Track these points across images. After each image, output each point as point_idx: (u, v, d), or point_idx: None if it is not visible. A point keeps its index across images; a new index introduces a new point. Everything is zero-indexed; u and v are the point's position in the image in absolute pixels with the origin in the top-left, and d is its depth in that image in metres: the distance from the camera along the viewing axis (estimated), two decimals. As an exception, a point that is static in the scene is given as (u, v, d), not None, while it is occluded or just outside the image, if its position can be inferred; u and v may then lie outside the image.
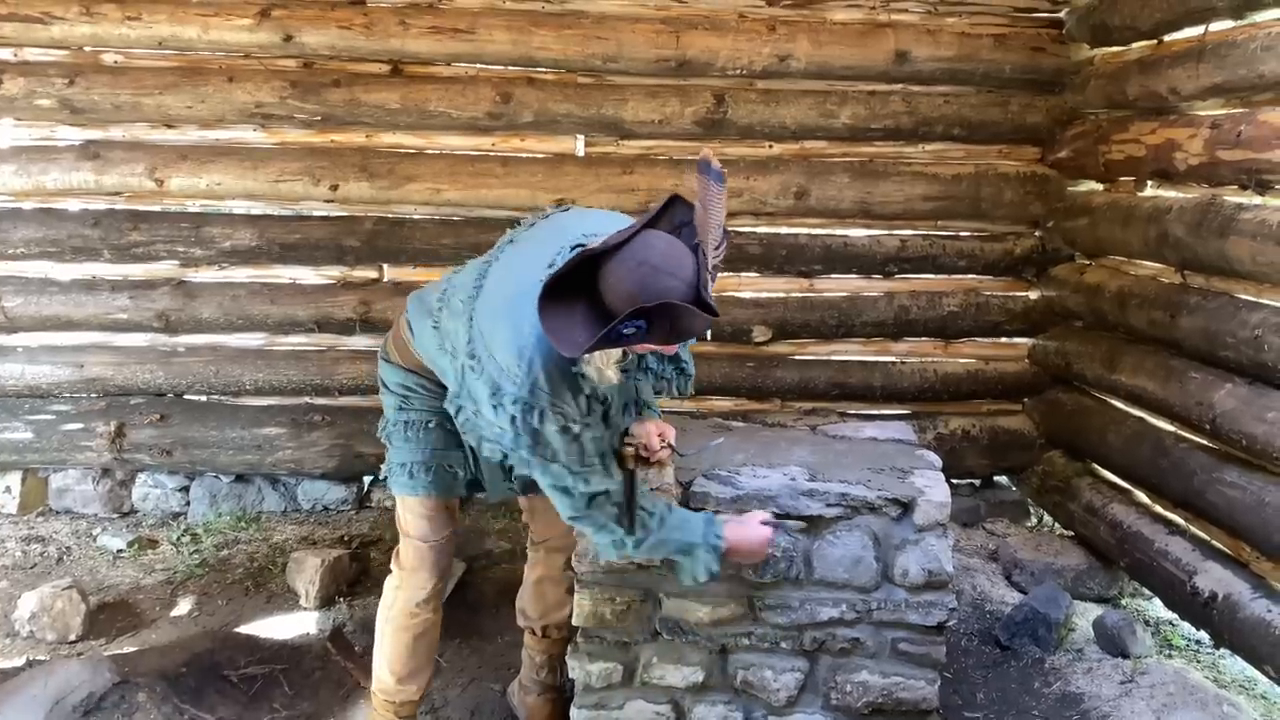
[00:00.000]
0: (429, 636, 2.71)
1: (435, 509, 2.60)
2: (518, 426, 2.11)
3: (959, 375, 4.55)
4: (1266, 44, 2.93)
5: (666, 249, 1.91)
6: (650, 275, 1.87)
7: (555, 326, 1.91)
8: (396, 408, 2.57)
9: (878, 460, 2.82)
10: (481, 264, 2.34)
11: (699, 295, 1.88)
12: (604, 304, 1.91)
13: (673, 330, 1.91)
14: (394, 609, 2.67)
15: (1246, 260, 3.01)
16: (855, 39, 4.19)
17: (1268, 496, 2.95)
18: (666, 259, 1.89)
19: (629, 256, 1.89)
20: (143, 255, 4.28)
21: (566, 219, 2.37)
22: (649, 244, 1.91)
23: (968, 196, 4.36)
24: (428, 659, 2.74)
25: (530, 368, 2.08)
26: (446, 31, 4.09)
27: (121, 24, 4.03)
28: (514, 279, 2.15)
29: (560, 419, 2.12)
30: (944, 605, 2.61)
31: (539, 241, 2.25)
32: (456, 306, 2.28)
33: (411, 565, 2.65)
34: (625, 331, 1.87)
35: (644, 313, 1.84)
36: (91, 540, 4.15)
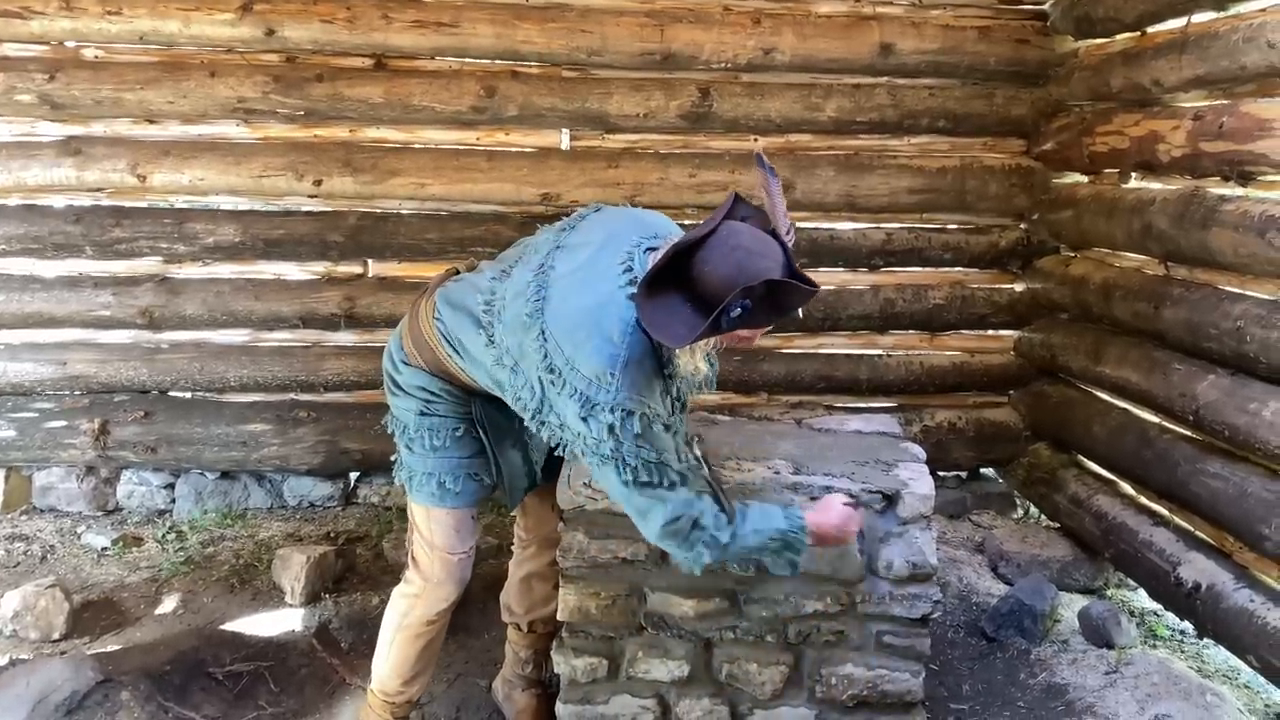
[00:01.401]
0: (438, 641, 2.70)
1: (463, 520, 2.57)
2: (618, 434, 2.10)
3: (945, 368, 4.56)
4: (1248, 35, 2.93)
5: (752, 234, 2.00)
6: (746, 258, 1.94)
7: (658, 321, 1.98)
8: (418, 413, 2.49)
9: (862, 453, 2.83)
10: (533, 273, 2.26)
11: (796, 270, 1.99)
12: (701, 293, 1.96)
13: (774, 308, 1.98)
14: (409, 618, 2.62)
15: (1229, 252, 3.02)
16: (840, 32, 4.19)
17: (1250, 487, 2.97)
18: (755, 242, 1.98)
19: (720, 244, 1.96)
20: (126, 252, 4.25)
21: (612, 222, 2.34)
22: (735, 231, 1.99)
23: (953, 189, 4.36)
24: (432, 661, 2.73)
25: (625, 374, 2.09)
26: (430, 25, 4.07)
27: (102, 18, 3.99)
28: (588, 289, 2.14)
29: (658, 418, 2.15)
30: (928, 597, 2.61)
31: (598, 246, 2.22)
32: (518, 321, 2.22)
33: (438, 578, 2.59)
34: (732, 314, 1.92)
35: (748, 293, 1.90)
36: (76, 538, 4.13)
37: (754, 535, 2.25)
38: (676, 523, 2.18)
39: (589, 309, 2.13)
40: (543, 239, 2.38)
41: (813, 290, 2.00)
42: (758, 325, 2.04)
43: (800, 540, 2.29)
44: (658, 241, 2.16)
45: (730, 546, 2.24)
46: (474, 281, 2.44)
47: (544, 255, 2.29)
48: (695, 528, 2.20)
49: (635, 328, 2.10)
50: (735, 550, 2.27)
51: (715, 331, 1.97)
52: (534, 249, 2.35)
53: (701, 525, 2.20)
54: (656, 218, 2.37)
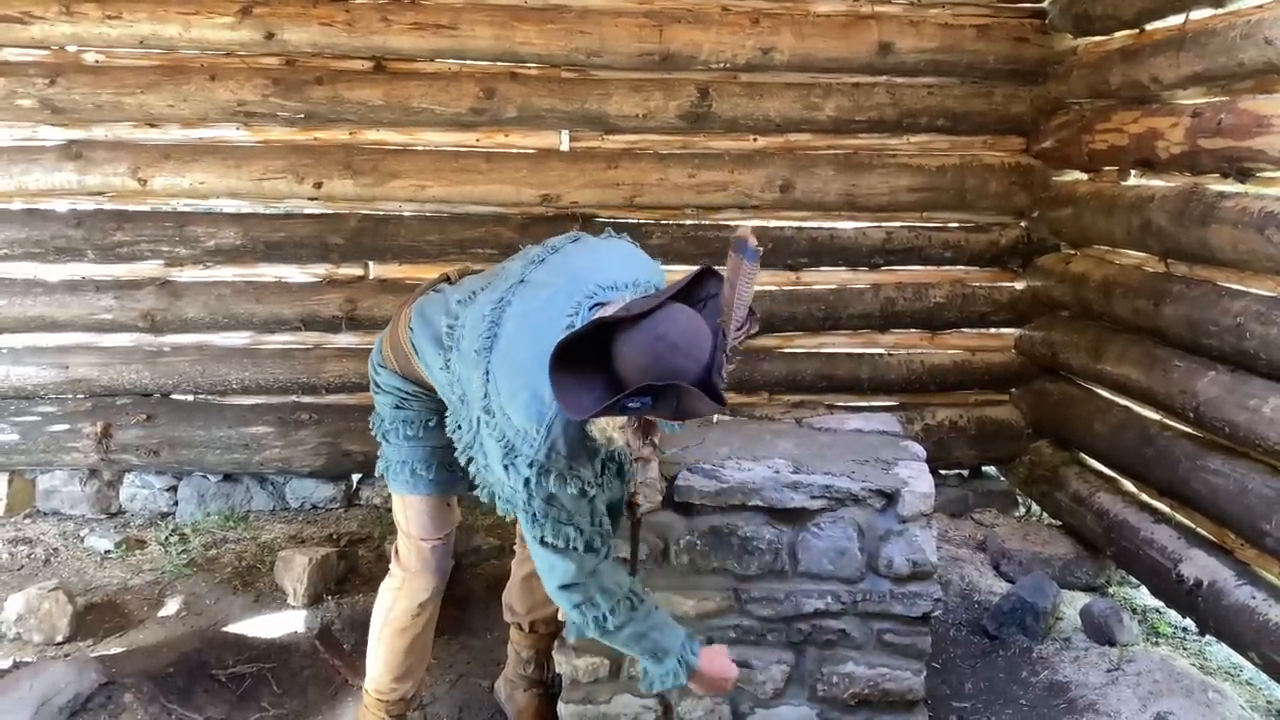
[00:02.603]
0: (426, 636, 2.70)
1: (436, 507, 2.59)
2: (531, 489, 2.09)
3: (946, 366, 4.56)
4: (1246, 32, 2.93)
5: (686, 326, 1.88)
6: (665, 352, 1.84)
7: (565, 388, 1.89)
8: (394, 406, 2.54)
9: (862, 452, 2.83)
10: (491, 306, 2.22)
11: (709, 380, 1.86)
12: (616, 372, 1.89)
13: (679, 409, 1.88)
14: (394, 611, 2.63)
15: (1228, 248, 3.02)
16: (838, 31, 4.19)
17: (1251, 484, 2.96)
18: (684, 337, 1.86)
19: (649, 329, 1.86)
20: (127, 255, 4.26)
21: (580, 260, 2.27)
22: (671, 318, 1.88)
23: (953, 188, 4.36)
24: (423, 656, 2.74)
25: (549, 432, 2.05)
26: (429, 28, 4.08)
27: (102, 23, 4.00)
28: (532, 338, 2.05)
29: (577, 482, 2.10)
30: (929, 596, 2.62)
31: (555, 290, 2.15)
32: (469, 354, 2.21)
33: (414, 567, 2.62)
34: (630, 405, 1.85)
35: (652, 389, 1.83)
36: (79, 541, 4.14)
37: (639, 640, 2.29)
38: (571, 589, 2.20)
39: (528, 361, 2.04)
40: (514, 267, 2.32)
41: (720, 406, 1.88)
42: (664, 417, 1.96)
43: (679, 676, 2.32)
44: (611, 295, 2.07)
45: (614, 636, 2.27)
46: (446, 300, 2.42)
47: (506, 289, 2.24)
48: (588, 602, 2.21)
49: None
50: (617, 640, 2.29)
51: (614, 414, 1.92)
52: (503, 276, 2.31)
53: (594, 602, 2.21)
54: (627, 260, 2.29)
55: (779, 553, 2.60)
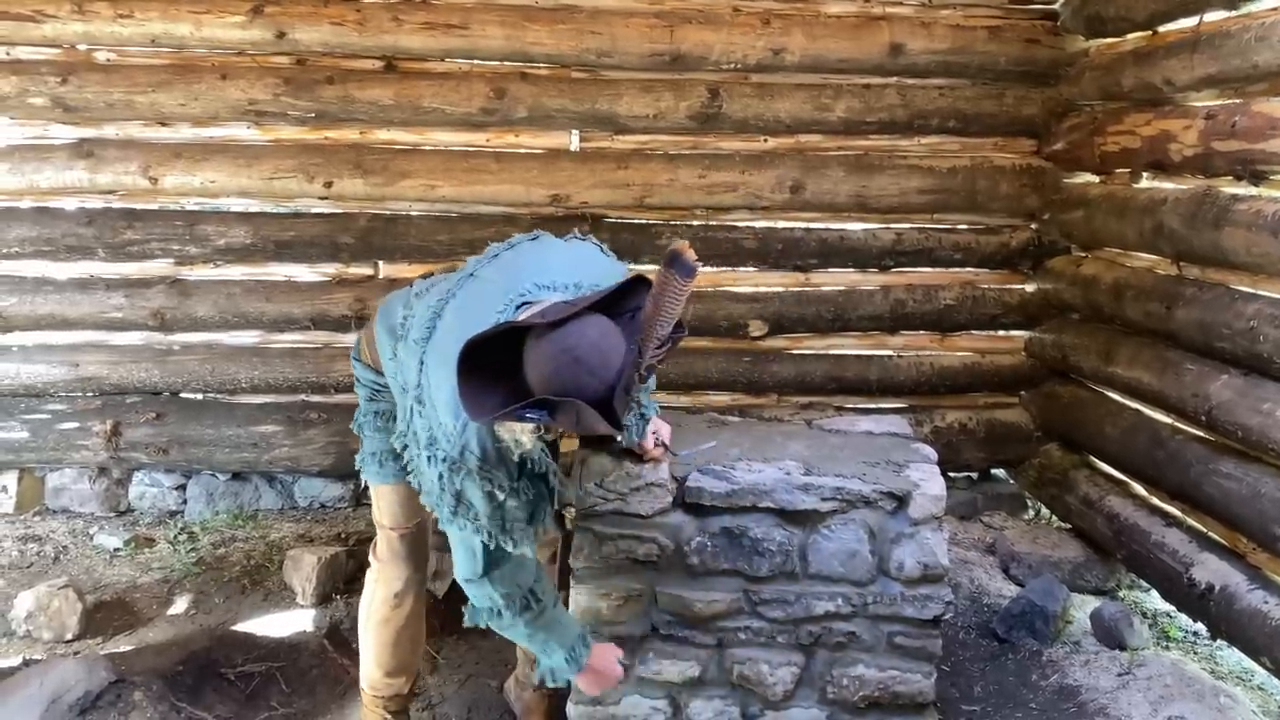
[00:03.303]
0: (412, 628, 2.71)
1: (405, 496, 2.56)
2: (443, 484, 2.10)
3: (955, 368, 4.55)
4: (1260, 34, 2.92)
5: (597, 341, 1.82)
6: (569, 366, 1.80)
7: (469, 389, 1.86)
8: (368, 399, 2.58)
9: (873, 454, 2.81)
10: (438, 299, 2.24)
11: (609, 400, 1.80)
12: (522, 378, 1.86)
13: (578, 424, 1.83)
14: (374, 602, 2.68)
15: (1241, 251, 3.01)
16: (849, 32, 4.18)
17: (1263, 488, 2.95)
18: (592, 352, 1.81)
19: (558, 340, 1.82)
20: (137, 254, 4.27)
21: (528, 258, 2.26)
22: (582, 331, 1.83)
23: (963, 189, 4.35)
24: (414, 652, 2.75)
25: (464, 430, 2.04)
26: (440, 27, 4.08)
27: (114, 22, 4.01)
28: (462, 331, 1.97)
29: (487, 484, 2.09)
30: (940, 598, 2.61)
31: (494, 285, 2.14)
32: (412, 344, 2.22)
33: (386, 556, 2.67)
34: (528, 415, 1.83)
35: (549, 403, 1.80)
36: (88, 539, 4.15)
37: (530, 637, 2.35)
38: (471, 583, 2.25)
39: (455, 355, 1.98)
40: (471, 262, 2.33)
41: (615, 430, 1.84)
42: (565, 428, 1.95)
43: (565, 675, 2.42)
44: (545, 294, 2.05)
45: (509, 630, 2.33)
46: (408, 294, 2.43)
47: (456, 282, 2.25)
48: (486, 596, 2.26)
49: None
50: (513, 635, 2.37)
51: (513, 420, 1.89)
52: (460, 271, 2.32)
53: (492, 598, 2.26)
54: (580, 261, 2.26)
55: (790, 554, 2.59)
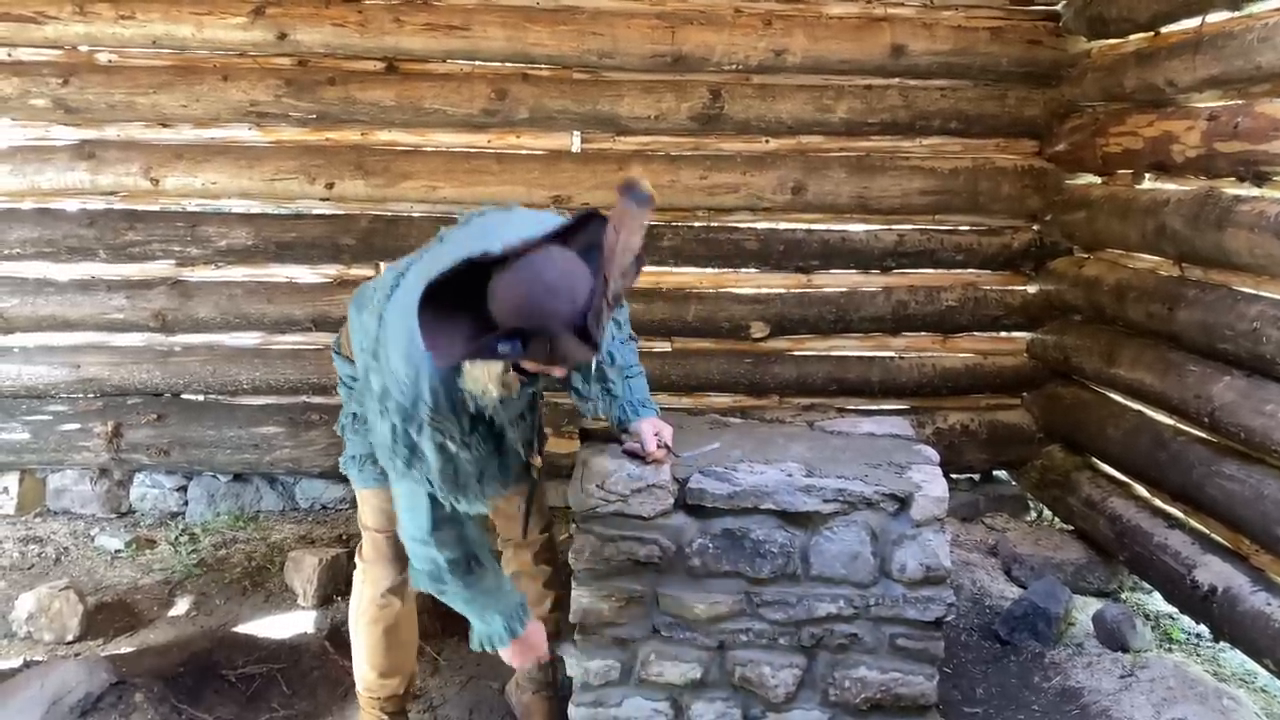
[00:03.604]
0: (402, 628, 2.70)
1: (388, 499, 2.53)
2: (396, 435, 2.10)
3: (957, 370, 4.54)
4: (1263, 35, 2.91)
5: (564, 269, 1.84)
6: (539, 294, 1.81)
7: (433, 332, 1.86)
8: (348, 398, 2.57)
9: (875, 456, 2.81)
10: (407, 262, 2.32)
11: (584, 325, 1.82)
12: (488, 315, 1.86)
13: (552, 354, 1.85)
14: (362, 602, 2.69)
15: (1244, 252, 3.00)
16: (851, 33, 4.18)
17: (1266, 489, 2.94)
18: (560, 279, 1.83)
19: (523, 269, 1.83)
20: (139, 255, 4.27)
21: (494, 222, 2.28)
22: (548, 261, 1.85)
23: (965, 190, 4.34)
24: (406, 652, 2.74)
25: (417, 378, 2.03)
26: (441, 28, 4.08)
27: (115, 23, 4.02)
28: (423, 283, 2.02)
29: (439, 435, 2.08)
30: (942, 600, 2.60)
31: (461, 246, 2.12)
32: (373, 306, 2.26)
33: (371, 557, 2.67)
34: (500, 348, 1.82)
35: (522, 332, 1.80)
36: (89, 540, 4.15)
37: (469, 603, 2.36)
38: (417, 541, 2.26)
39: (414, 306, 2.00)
40: (442, 230, 2.40)
41: (593, 352, 1.87)
42: (537, 364, 1.95)
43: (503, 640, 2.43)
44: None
45: (445, 593, 2.33)
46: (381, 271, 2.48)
47: (425, 247, 2.33)
48: (428, 558, 2.26)
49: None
50: (452, 599, 2.36)
51: (484, 357, 1.88)
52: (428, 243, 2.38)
53: (434, 560, 2.25)
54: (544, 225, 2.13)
55: (791, 556, 2.58)
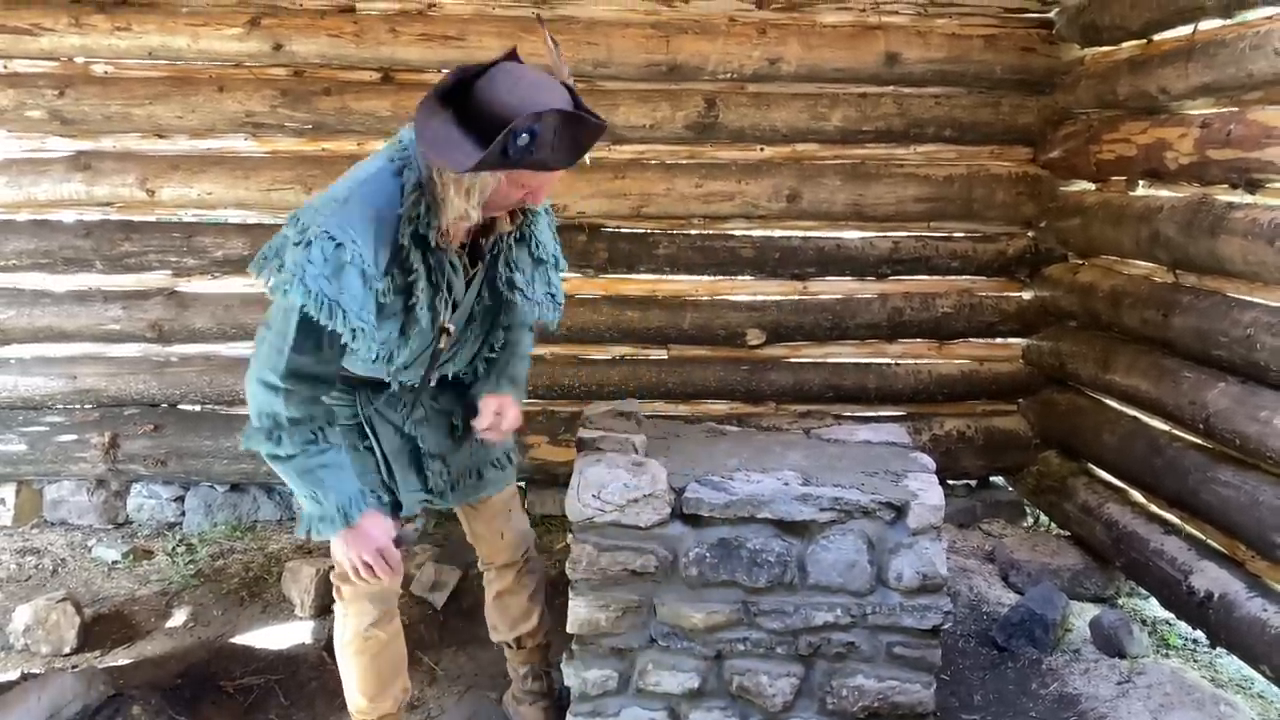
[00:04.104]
0: (390, 651, 2.65)
1: None
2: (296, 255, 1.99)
3: (953, 376, 4.55)
4: (1255, 43, 2.92)
5: (536, 73, 2.00)
6: (532, 89, 1.93)
7: (439, 143, 1.91)
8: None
9: (871, 463, 2.82)
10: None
11: (583, 105, 1.97)
12: (482, 123, 1.90)
13: (562, 144, 1.93)
14: (347, 634, 2.60)
15: (1238, 259, 3.01)
16: (845, 42, 4.19)
17: (1261, 495, 2.95)
18: (541, 79, 1.99)
19: (504, 76, 1.95)
20: (135, 265, 4.27)
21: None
22: (519, 68, 1.99)
23: (960, 197, 4.36)
24: (395, 673, 2.69)
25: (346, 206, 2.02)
26: (437, 39, 4.09)
27: (111, 34, 4.02)
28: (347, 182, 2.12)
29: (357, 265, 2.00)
30: (939, 608, 2.61)
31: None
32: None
33: (350, 597, 2.55)
34: (519, 141, 1.88)
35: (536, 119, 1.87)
36: (86, 552, 4.14)
37: (305, 475, 2.18)
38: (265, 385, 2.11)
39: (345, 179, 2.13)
40: None
41: (601, 125, 1.97)
42: (545, 164, 1.97)
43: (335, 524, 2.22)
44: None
45: (285, 462, 2.17)
46: None
47: None
48: (271, 415, 2.12)
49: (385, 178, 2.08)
50: (286, 469, 2.18)
51: (502, 160, 1.90)
52: None
53: (277, 417, 2.11)
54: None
55: (788, 565, 2.59)
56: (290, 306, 2.04)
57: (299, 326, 2.06)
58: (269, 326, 2.12)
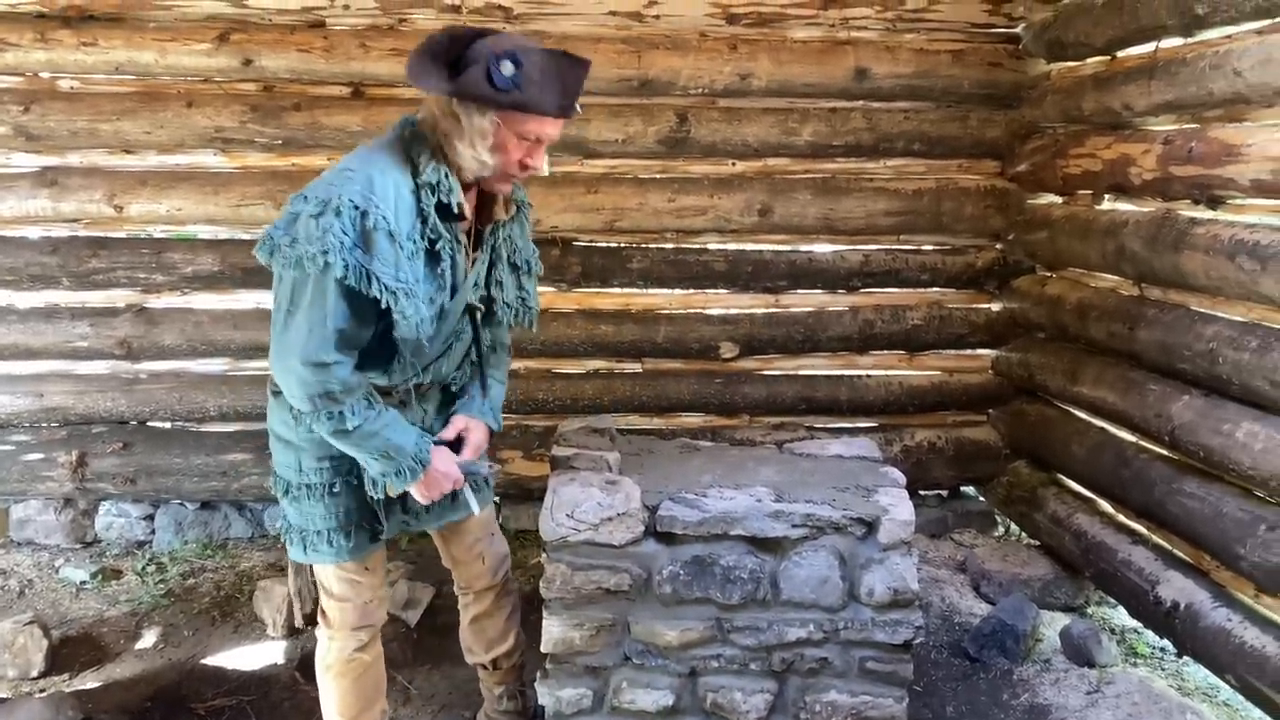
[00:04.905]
0: (372, 673, 2.66)
1: (357, 570, 2.52)
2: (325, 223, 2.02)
3: (924, 387, 4.59)
4: (1214, 63, 2.98)
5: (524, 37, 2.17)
6: (520, 41, 2.10)
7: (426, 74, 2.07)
8: (297, 467, 2.39)
9: (843, 479, 2.84)
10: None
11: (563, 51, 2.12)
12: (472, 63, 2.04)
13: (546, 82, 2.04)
14: (329, 658, 2.60)
15: (1200, 274, 3.06)
16: (815, 57, 4.22)
17: (1225, 507, 2.99)
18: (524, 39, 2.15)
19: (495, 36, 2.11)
20: (103, 282, 4.23)
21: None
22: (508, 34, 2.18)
23: (929, 211, 4.40)
24: (376, 693, 2.70)
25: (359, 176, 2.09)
26: (407, 53, 4.05)
27: (77, 49, 3.99)
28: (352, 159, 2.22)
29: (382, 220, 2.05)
30: (910, 623, 2.63)
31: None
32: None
33: (336, 623, 2.56)
34: (505, 72, 2.00)
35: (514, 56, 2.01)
36: (54, 572, 4.09)
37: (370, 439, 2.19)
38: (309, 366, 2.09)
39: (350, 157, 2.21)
40: None
41: (585, 63, 2.10)
42: (537, 104, 2.06)
43: (415, 473, 2.27)
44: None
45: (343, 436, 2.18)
46: None
47: None
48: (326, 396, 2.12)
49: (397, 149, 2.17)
50: (344, 442, 2.20)
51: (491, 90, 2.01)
52: None
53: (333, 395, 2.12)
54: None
55: (761, 582, 2.60)
56: (326, 279, 2.04)
57: (338, 297, 2.07)
58: (293, 309, 2.09)
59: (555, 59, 2.07)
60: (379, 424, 2.20)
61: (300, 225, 2.05)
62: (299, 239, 2.04)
